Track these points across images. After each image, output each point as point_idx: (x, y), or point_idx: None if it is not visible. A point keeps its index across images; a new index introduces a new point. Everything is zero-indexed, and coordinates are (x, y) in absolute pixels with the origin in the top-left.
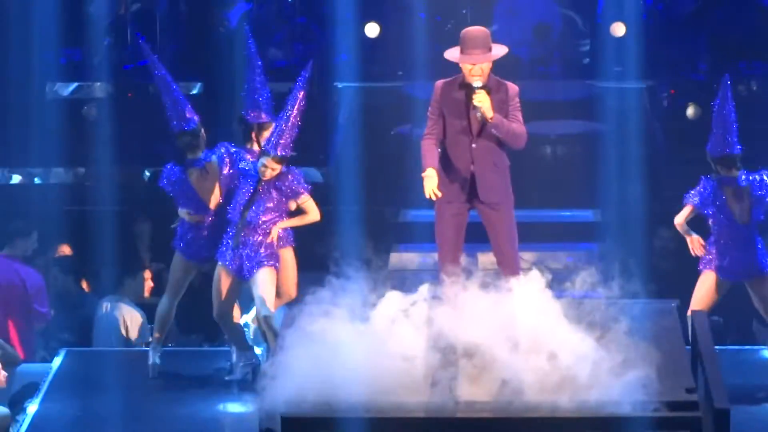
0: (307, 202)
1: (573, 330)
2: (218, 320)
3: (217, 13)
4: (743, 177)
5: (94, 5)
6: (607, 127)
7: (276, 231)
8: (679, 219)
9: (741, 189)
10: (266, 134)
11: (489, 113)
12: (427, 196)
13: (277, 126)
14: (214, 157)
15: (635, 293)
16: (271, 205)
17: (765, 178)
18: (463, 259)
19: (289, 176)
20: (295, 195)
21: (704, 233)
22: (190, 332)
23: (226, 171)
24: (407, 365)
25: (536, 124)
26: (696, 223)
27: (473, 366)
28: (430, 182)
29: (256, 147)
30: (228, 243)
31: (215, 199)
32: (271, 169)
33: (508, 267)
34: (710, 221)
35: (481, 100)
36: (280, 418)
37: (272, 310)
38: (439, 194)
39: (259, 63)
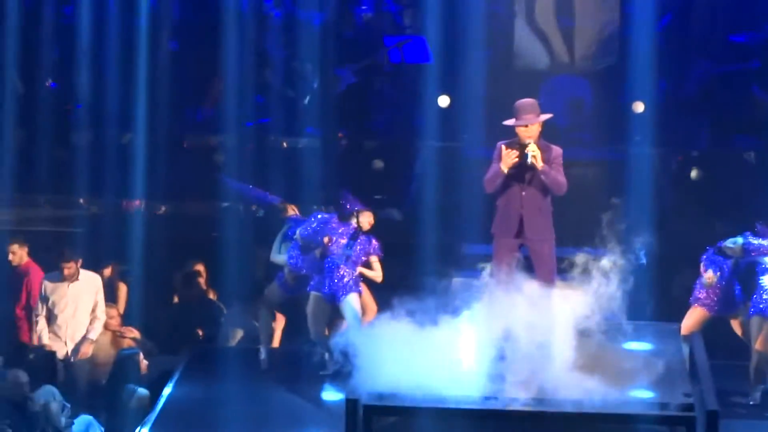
0: (377, 263)
1: (598, 343)
2: (317, 339)
3: (319, 83)
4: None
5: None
6: (629, 184)
7: (359, 269)
8: None
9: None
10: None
11: (539, 162)
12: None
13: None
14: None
15: (646, 317)
16: (359, 251)
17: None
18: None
19: (374, 240)
20: (375, 252)
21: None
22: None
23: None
24: (467, 362)
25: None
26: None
27: (518, 365)
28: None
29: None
30: (326, 278)
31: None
32: (369, 221)
33: (547, 292)
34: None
35: (534, 151)
36: (363, 407)
37: (361, 323)
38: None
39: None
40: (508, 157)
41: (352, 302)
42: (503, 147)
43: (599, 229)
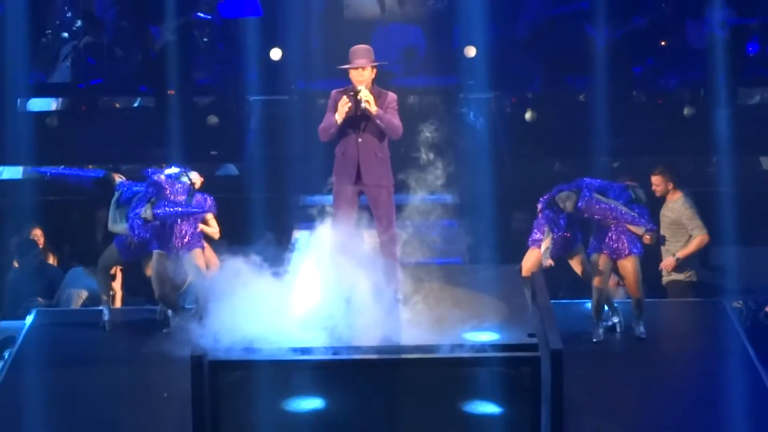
0: (212, 219)
1: (440, 288)
2: (160, 298)
3: (149, 42)
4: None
5: (55, 40)
6: (463, 128)
7: (200, 225)
8: None
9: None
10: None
11: (373, 107)
12: (343, 113)
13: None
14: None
15: (486, 260)
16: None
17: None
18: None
19: (208, 198)
20: (210, 209)
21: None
22: (136, 294)
23: None
24: (308, 314)
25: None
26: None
27: (360, 315)
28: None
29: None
30: (168, 237)
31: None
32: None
33: (387, 239)
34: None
35: (366, 96)
36: (208, 363)
37: (205, 278)
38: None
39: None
40: (341, 108)
41: (195, 258)
42: (337, 94)
43: (436, 174)
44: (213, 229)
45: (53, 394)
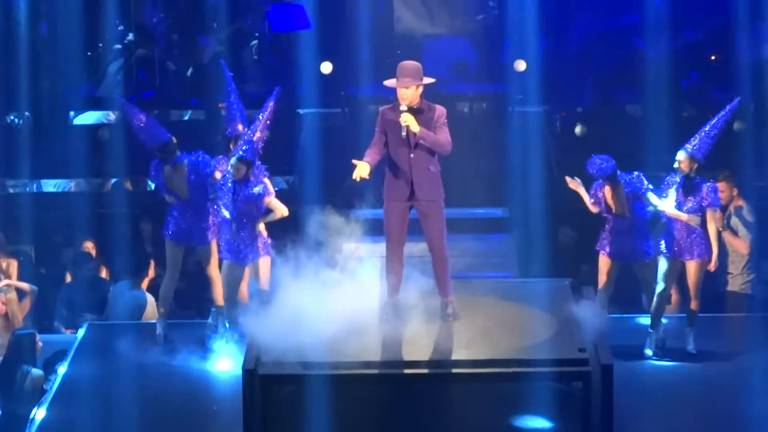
0: (273, 201)
1: (491, 303)
2: (228, 299)
3: (199, 55)
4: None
5: (106, 54)
6: (513, 142)
7: (261, 225)
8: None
9: (619, 188)
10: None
11: (415, 128)
12: (354, 178)
13: (245, 135)
14: (185, 161)
15: (537, 274)
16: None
17: (634, 178)
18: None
19: (252, 179)
20: (260, 198)
21: None
22: (186, 308)
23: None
24: (362, 328)
25: (460, 140)
26: None
27: (413, 330)
28: (360, 170)
29: None
30: (228, 241)
31: (182, 192)
32: (236, 169)
33: (437, 254)
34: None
35: (406, 119)
36: (259, 377)
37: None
38: (365, 177)
39: (233, 86)
40: (359, 169)
41: (261, 267)
42: (385, 111)
43: (486, 187)
44: (276, 212)
45: (104, 408)
